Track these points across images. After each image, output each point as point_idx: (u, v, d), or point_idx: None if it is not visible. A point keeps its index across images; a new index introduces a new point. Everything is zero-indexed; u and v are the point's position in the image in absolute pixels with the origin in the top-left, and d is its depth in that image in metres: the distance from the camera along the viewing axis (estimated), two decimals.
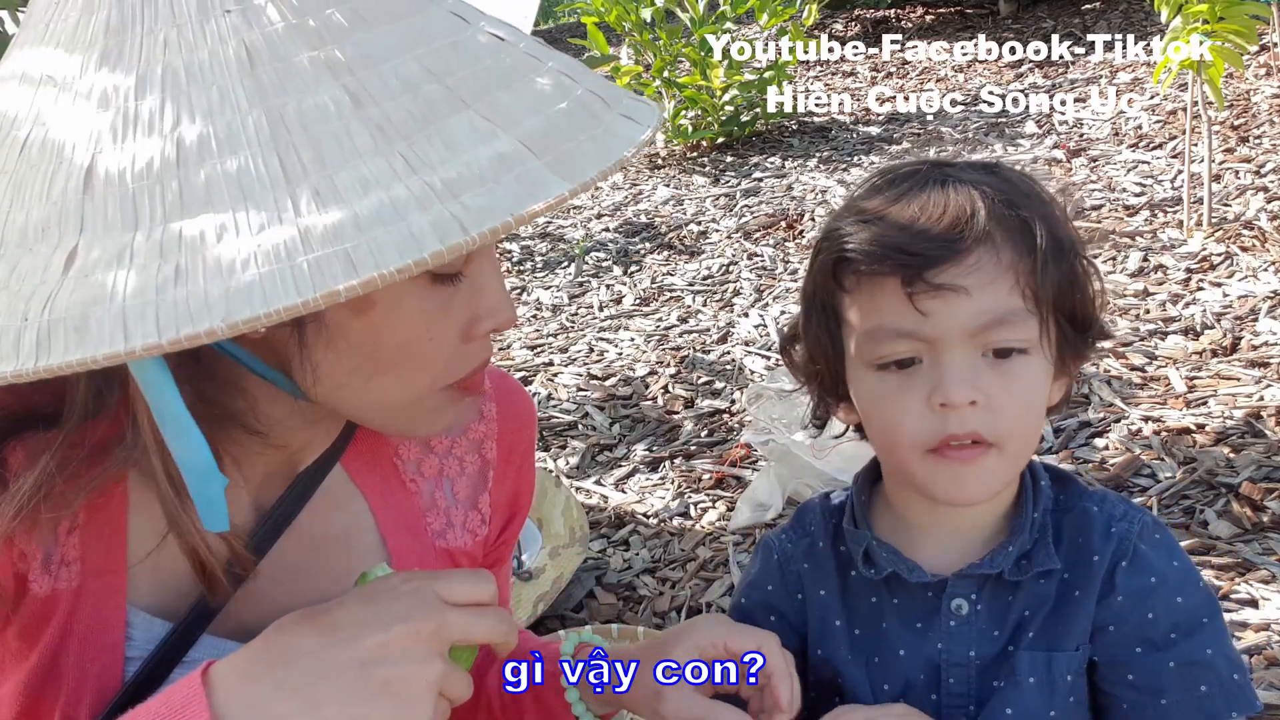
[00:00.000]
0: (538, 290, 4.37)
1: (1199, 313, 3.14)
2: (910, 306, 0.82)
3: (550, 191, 0.58)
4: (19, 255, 0.58)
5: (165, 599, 0.83)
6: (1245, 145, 4.34)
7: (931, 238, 0.82)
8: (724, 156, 5.68)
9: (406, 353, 0.73)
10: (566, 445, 3.12)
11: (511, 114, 0.61)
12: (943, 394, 0.81)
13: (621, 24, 5.76)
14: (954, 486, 0.85)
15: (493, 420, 0.96)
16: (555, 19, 9.88)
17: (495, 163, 0.59)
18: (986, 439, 0.83)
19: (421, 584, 0.70)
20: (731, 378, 3.35)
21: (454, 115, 0.60)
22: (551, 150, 0.60)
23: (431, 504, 0.93)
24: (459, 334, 0.75)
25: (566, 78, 0.66)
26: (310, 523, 0.87)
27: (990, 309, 0.81)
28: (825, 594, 0.95)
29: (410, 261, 0.54)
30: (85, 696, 0.80)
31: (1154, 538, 0.89)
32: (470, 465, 0.95)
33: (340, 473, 0.89)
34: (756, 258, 4.28)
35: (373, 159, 0.57)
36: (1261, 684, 1.86)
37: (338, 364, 0.72)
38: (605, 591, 2.46)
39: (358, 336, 0.71)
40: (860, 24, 7.85)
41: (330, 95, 0.58)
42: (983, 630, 0.90)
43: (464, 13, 0.67)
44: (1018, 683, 0.87)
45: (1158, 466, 2.49)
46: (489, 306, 0.76)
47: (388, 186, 0.56)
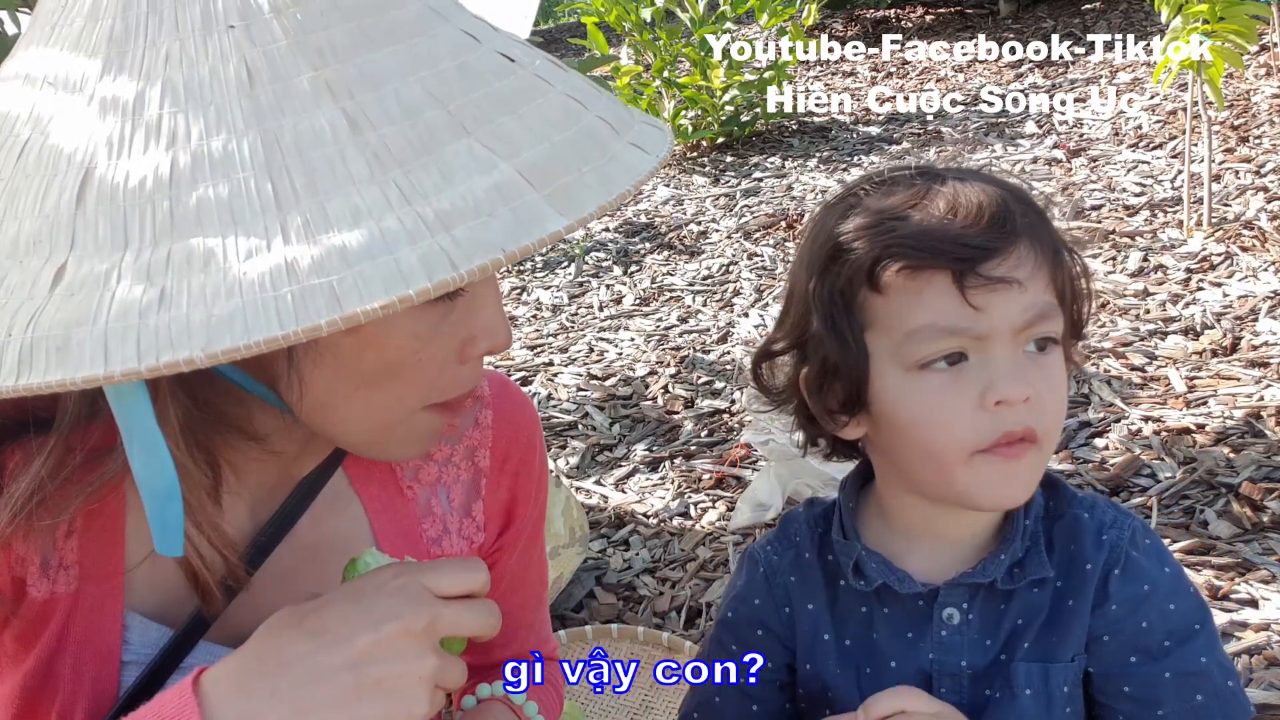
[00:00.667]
0: (538, 290, 4.37)
1: (1199, 313, 3.14)
2: (962, 302, 0.79)
3: (545, 228, 0.57)
4: (9, 267, 0.58)
5: (163, 604, 0.82)
6: (1245, 145, 4.34)
7: (981, 230, 0.80)
8: (724, 156, 5.68)
9: (395, 371, 0.72)
10: (566, 445, 3.12)
11: (514, 142, 0.60)
12: (999, 391, 0.79)
13: (621, 24, 5.76)
14: (1004, 487, 0.82)
15: (488, 428, 0.96)
16: (555, 19, 9.88)
17: (491, 194, 0.57)
18: (1037, 434, 0.81)
19: (410, 579, 0.69)
20: (731, 378, 3.35)
21: (454, 142, 0.59)
22: (551, 182, 0.59)
23: (427, 511, 0.93)
24: (451, 354, 0.74)
25: (575, 102, 0.65)
26: (307, 529, 0.86)
27: (1036, 302, 0.81)
28: (814, 607, 0.94)
29: (395, 298, 0.54)
30: (81, 701, 0.80)
31: (1144, 543, 0.89)
32: (465, 473, 0.95)
33: (341, 477, 0.89)
34: (756, 258, 4.28)
35: (367, 187, 0.56)
36: (1261, 684, 1.86)
37: (325, 380, 0.72)
38: (605, 591, 2.46)
39: (347, 354, 0.71)
40: (860, 24, 7.85)
41: (328, 118, 0.58)
42: (975, 640, 0.89)
43: (477, 31, 0.65)
44: (1015, 695, 0.86)
45: (1158, 466, 2.49)
46: (485, 328, 0.75)
47: (379, 217, 0.55)
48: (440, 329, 0.72)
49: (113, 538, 0.80)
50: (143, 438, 0.66)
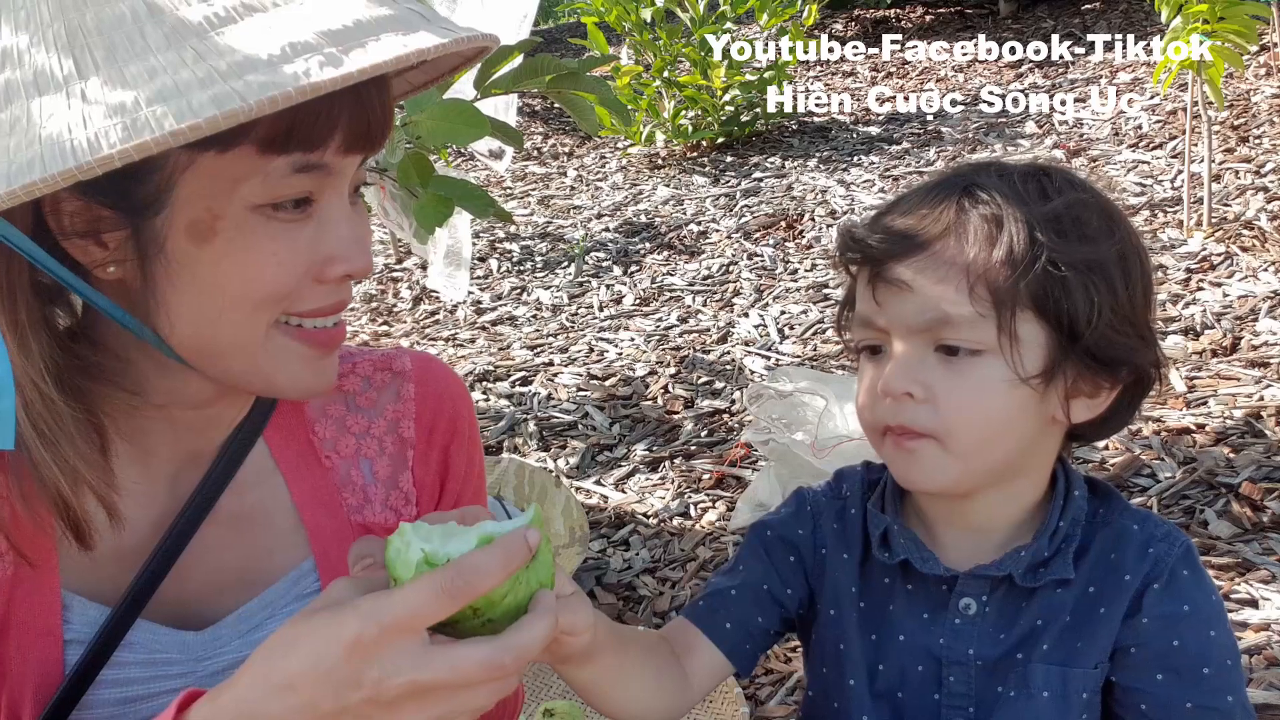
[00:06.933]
0: (538, 290, 4.37)
1: (1199, 313, 3.14)
2: (870, 296, 0.88)
3: (341, 69, 0.64)
4: None
5: (99, 583, 0.84)
6: (1245, 145, 4.35)
7: (890, 234, 0.87)
8: (724, 156, 5.68)
9: (252, 285, 0.75)
10: (566, 445, 3.12)
11: (317, 16, 0.67)
12: (883, 383, 0.87)
13: (621, 24, 5.77)
14: (902, 470, 0.89)
15: (409, 400, 0.98)
16: (555, 19, 9.88)
17: (287, 49, 0.64)
18: (921, 431, 0.85)
19: (392, 632, 0.64)
20: (731, 378, 3.35)
21: (251, 17, 0.66)
22: (350, 41, 0.66)
23: (348, 481, 0.95)
24: (306, 270, 0.77)
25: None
26: (229, 501, 0.88)
27: (933, 307, 0.84)
28: (848, 558, 0.96)
29: (185, 126, 0.61)
30: (29, 680, 0.82)
31: (1194, 565, 0.89)
32: (389, 446, 0.97)
33: (261, 447, 0.91)
34: (756, 258, 4.28)
35: (164, 53, 0.64)
36: (1261, 684, 1.86)
37: (187, 301, 0.75)
38: (605, 591, 2.46)
39: (204, 269, 0.74)
40: (860, 24, 7.85)
41: (129, 6, 0.66)
42: (988, 632, 0.90)
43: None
44: (1031, 695, 0.87)
45: (1158, 466, 2.49)
46: (339, 249, 0.77)
47: (175, 72, 0.64)
48: (293, 244, 0.75)
49: (39, 521, 0.80)
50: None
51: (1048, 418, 0.87)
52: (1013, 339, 0.83)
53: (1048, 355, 0.84)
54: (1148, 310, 0.89)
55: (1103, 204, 0.89)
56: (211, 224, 0.72)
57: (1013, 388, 0.84)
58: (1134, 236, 0.89)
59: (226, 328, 0.76)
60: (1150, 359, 0.88)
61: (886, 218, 0.89)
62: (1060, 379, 0.85)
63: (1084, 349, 0.84)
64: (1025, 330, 0.83)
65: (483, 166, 5.86)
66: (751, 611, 0.97)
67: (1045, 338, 0.84)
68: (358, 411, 0.96)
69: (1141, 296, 0.87)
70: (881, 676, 0.92)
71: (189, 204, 0.72)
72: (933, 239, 0.85)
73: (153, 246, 0.73)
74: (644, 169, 5.75)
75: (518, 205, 5.51)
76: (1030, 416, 0.86)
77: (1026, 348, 0.83)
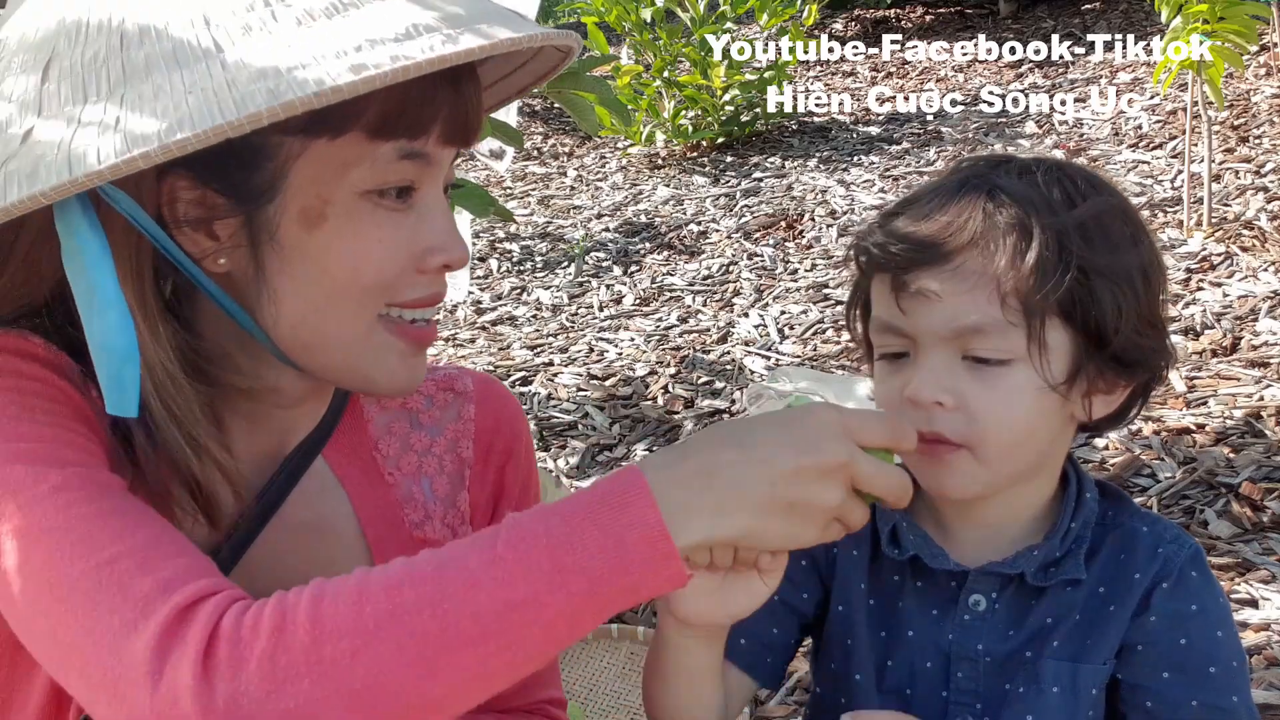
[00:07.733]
0: (538, 290, 4.37)
1: (1199, 313, 3.14)
2: (893, 303, 0.86)
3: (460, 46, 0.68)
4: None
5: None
6: (1245, 145, 4.35)
7: (914, 242, 0.86)
8: (724, 156, 5.68)
9: (360, 271, 0.77)
10: (566, 445, 3.12)
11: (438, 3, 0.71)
12: (910, 389, 0.85)
13: (621, 24, 5.77)
14: (931, 479, 0.88)
15: (469, 421, 0.99)
16: (555, 19, 9.88)
17: (410, 29, 0.68)
18: (954, 440, 0.84)
19: (837, 420, 0.73)
20: (731, 378, 3.35)
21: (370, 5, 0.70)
22: (464, 26, 0.70)
23: (409, 497, 0.96)
24: (409, 258, 0.79)
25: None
26: (292, 510, 0.89)
27: (963, 317, 0.83)
28: (857, 555, 0.96)
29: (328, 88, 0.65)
30: None
31: (1202, 567, 0.90)
32: (449, 465, 0.98)
33: (321, 464, 0.92)
34: (756, 258, 4.28)
35: (294, 31, 0.69)
36: (1261, 684, 1.86)
37: (297, 289, 0.77)
38: None
39: (314, 256, 0.76)
40: (860, 24, 7.85)
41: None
42: (997, 629, 0.90)
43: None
44: (1041, 691, 0.87)
45: (1158, 466, 2.49)
46: (438, 240, 0.80)
47: (311, 46, 0.67)
48: (396, 232, 0.78)
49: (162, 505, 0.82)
50: (103, 297, 0.71)
51: (1068, 416, 0.88)
52: (1042, 347, 0.83)
53: (1074, 361, 0.85)
54: (1164, 308, 0.90)
55: (1125, 207, 0.89)
56: (321, 210, 0.75)
57: (1042, 394, 0.84)
58: (1152, 237, 0.90)
59: (333, 318, 0.79)
60: (1165, 356, 0.89)
61: (905, 222, 0.88)
62: (1082, 380, 0.86)
63: (1110, 354, 0.85)
64: (1053, 338, 0.84)
65: (483, 166, 5.86)
66: (766, 625, 0.97)
67: (1072, 344, 0.85)
68: (420, 429, 0.97)
69: (1159, 297, 0.89)
70: (890, 673, 0.93)
71: (301, 191, 0.75)
72: (960, 248, 0.84)
73: (265, 234, 0.75)
74: (644, 169, 5.76)
75: (518, 205, 5.51)
76: (1054, 418, 0.87)
77: (1054, 355, 0.84)
